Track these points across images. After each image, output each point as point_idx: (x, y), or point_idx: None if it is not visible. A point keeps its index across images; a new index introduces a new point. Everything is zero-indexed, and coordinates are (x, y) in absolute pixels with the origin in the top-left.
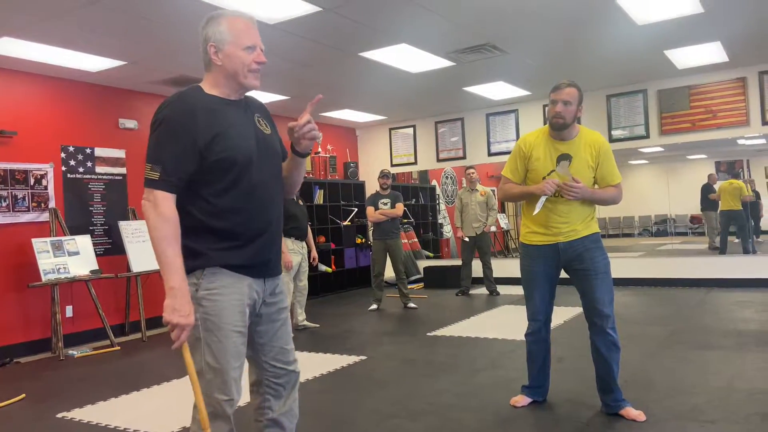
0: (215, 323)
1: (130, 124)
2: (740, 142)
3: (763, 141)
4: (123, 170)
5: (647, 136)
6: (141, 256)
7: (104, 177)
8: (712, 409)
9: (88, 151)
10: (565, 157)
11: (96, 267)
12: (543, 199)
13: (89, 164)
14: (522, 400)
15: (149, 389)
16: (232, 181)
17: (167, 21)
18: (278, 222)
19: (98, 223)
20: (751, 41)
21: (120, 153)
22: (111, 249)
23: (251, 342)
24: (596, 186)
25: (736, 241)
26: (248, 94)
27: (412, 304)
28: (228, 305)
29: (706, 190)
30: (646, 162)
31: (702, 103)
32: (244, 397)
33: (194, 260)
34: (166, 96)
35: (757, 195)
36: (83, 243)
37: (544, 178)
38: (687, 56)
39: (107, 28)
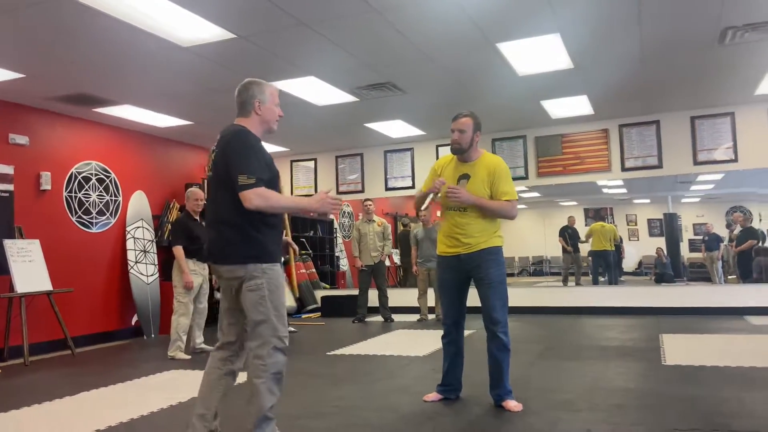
0: (276, 284)
1: (21, 139)
2: (605, 191)
3: (625, 191)
4: (10, 187)
5: (526, 177)
6: (26, 276)
7: None
8: (579, 402)
9: None
10: (464, 176)
11: None
12: (430, 196)
13: None
14: (433, 396)
15: (39, 405)
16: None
17: (75, 35)
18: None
19: None
20: (611, 97)
21: (8, 169)
22: None
23: (240, 312)
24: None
25: (602, 279)
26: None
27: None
28: (279, 273)
29: (563, 231)
30: (525, 207)
31: (572, 150)
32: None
33: (261, 252)
34: (61, 113)
35: (620, 239)
36: None
37: None
38: (559, 107)
39: (12, 39)
